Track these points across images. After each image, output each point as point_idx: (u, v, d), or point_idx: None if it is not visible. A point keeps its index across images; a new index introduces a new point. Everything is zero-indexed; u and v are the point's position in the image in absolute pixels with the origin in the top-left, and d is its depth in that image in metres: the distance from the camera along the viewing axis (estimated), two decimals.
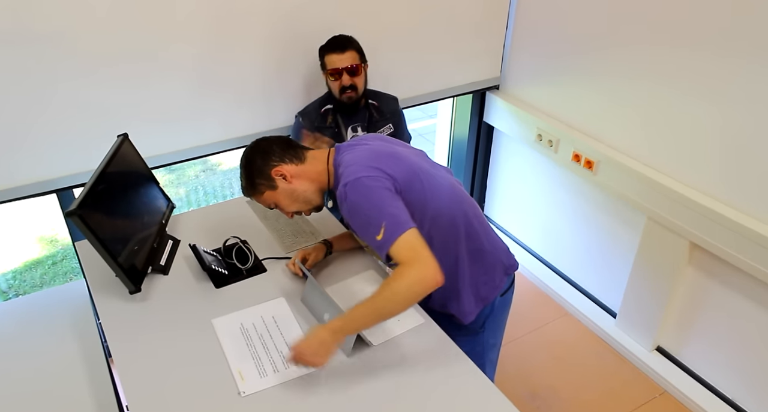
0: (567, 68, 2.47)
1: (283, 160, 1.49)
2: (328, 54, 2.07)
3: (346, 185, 1.37)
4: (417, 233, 1.32)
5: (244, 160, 1.53)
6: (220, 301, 1.62)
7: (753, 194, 1.92)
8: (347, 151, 1.49)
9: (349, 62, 2.05)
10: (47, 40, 1.77)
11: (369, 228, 1.34)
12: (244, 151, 1.54)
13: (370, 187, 1.36)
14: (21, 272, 3.60)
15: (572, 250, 2.79)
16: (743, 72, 1.84)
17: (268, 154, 1.49)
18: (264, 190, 1.50)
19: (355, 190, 1.36)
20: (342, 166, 1.44)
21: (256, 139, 1.56)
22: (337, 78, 2.07)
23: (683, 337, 2.35)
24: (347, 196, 1.36)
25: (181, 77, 2.04)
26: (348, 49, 2.06)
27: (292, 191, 1.50)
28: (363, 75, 2.11)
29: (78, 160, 1.99)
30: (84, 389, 1.56)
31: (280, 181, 1.48)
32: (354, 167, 1.39)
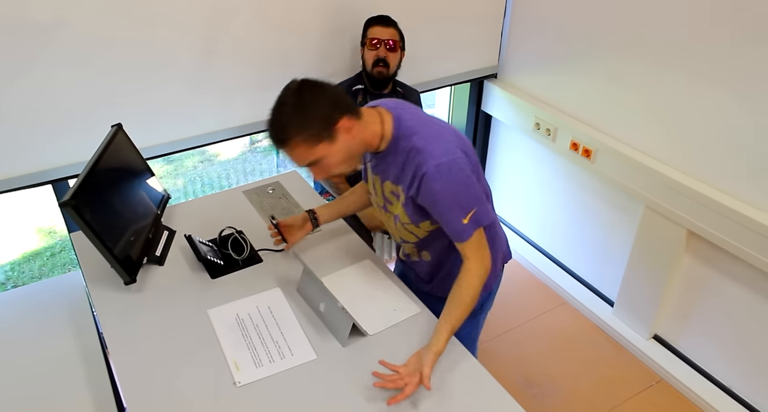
0: (565, 57, 2.45)
1: (348, 111, 1.29)
2: (373, 26, 2.18)
3: (440, 166, 1.28)
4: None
5: (296, 101, 1.26)
6: (216, 291, 1.62)
7: (750, 182, 1.92)
8: (410, 117, 1.37)
9: (390, 36, 2.16)
10: (41, 30, 1.75)
11: (455, 211, 1.32)
12: (292, 89, 1.28)
13: (463, 171, 1.31)
14: (19, 264, 3.60)
15: (570, 238, 2.78)
16: (739, 60, 1.83)
17: (334, 100, 1.28)
18: (320, 141, 1.27)
19: (450, 172, 1.29)
20: (418, 138, 1.32)
21: (299, 79, 1.30)
22: (375, 48, 2.16)
23: (680, 325, 2.35)
24: (439, 176, 1.29)
25: (176, 67, 2.02)
26: (392, 26, 2.18)
27: (350, 148, 1.32)
28: (398, 55, 2.20)
29: (73, 151, 1.98)
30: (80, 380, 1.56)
31: (342, 134, 1.29)
32: (442, 146, 1.32)
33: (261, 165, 4.58)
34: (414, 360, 1.33)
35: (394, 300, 1.59)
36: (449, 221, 1.35)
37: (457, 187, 1.31)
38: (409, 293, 1.61)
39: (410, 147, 1.33)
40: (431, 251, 1.55)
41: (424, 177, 1.30)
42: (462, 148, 1.35)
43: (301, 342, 1.46)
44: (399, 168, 1.38)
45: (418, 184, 1.33)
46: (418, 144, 1.32)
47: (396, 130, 1.36)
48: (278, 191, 2.03)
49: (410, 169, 1.34)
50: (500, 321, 2.62)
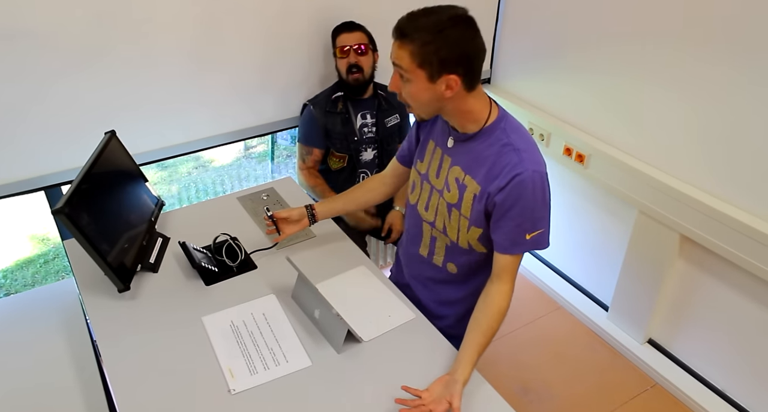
0: (558, 62, 2.46)
1: (466, 75, 1.23)
2: (340, 34, 2.17)
3: (537, 173, 1.26)
4: None
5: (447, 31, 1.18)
6: (210, 298, 1.61)
7: (743, 187, 1.93)
8: (510, 117, 1.35)
9: (357, 41, 2.14)
10: (33, 35, 1.75)
11: (527, 223, 1.29)
12: (456, 20, 1.20)
13: (549, 190, 1.31)
14: (12, 271, 3.58)
15: (564, 243, 2.79)
16: (730, 65, 1.84)
17: (467, 59, 1.22)
18: (419, 68, 1.21)
19: (543, 184, 1.28)
20: (516, 137, 1.29)
21: (471, 18, 1.22)
22: (345, 56, 2.15)
23: (674, 329, 2.36)
24: (533, 183, 1.26)
25: (170, 73, 2.02)
26: (358, 30, 2.17)
27: (436, 99, 1.26)
28: (370, 58, 2.18)
29: (66, 157, 1.97)
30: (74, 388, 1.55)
31: (442, 85, 1.23)
32: (537, 154, 1.29)
33: (255, 171, 4.57)
34: (438, 388, 1.27)
35: (389, 306, 1.59)
36: (515, 229, 1.30)
37: (541, 202, 1.29)
38: (404, 299, 1.61)
39: (507, 142, 1.29)
40: (459, 267, 1.51)
41: (517, 177, 1.26)
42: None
43: (295, 349, 1.45)
44: (482, 159, 1.32)
45: (506, 183, 1.27)
46: (518, 144, 1.28)
47: (499, 121, 1.32)
48: (273, 197, 2.03)
49: (501, 164, 1.28)
50: None
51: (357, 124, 2.24)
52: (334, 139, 2.23)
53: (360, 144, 2.26)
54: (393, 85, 1.29)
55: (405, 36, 1.21)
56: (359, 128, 2.24)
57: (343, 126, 2.21)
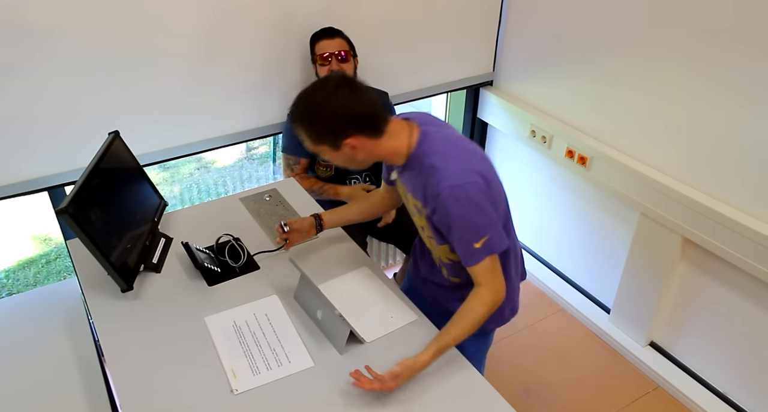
0: (560, 64, 2.47)
1: (363, 131, 1.32)
2: (318, 41, 2.12)
3: (453, 188, 1.28)
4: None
5: (323, 101, 1.29)
6: (213, 299, 1.62)
7: (746, 189, 1.93)
8: (435, 136, 1.37)
9: (338, 48, 2.10)
10: (38, 37, 1.76)
11: (468, 234, 1.32)
12: (334, 87, 1.29)
13: (478, 195, 1.30)
14: (14, 271, 3.58)
15: (566, 246, 2.79)
16: (734, 67, 1.85)
17: (353, 120, 1.30)
18: (323, 143, 1.33)
19: (465, 195, 1.29)
20: (437, 158, 1.32)
21: (340, 76, 1.33)
22: (326, 63, 2.10)
23: (676, 332, 2.36)
24: (453, 199, 1.29)
25: (172, 74, 2.03)
26: (337, 36, 2.12)
27: (352, 158, 1.37)
28: (351, 64, 2.15)
29: (69, 158, 1.98)
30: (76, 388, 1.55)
31: (347, 148, 1.33)
32: (458, 168, 1.31)
33: (257, 172, 4.58)
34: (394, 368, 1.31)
35: (391, 307, 1.59)
36: (461, 242, 1.34)
37: (471, 212, 1.30)
38: (407, 300, 1.61)
39: (429, 164, 1.33)
40: (460, 278, 1.53)
41: (438, 198, 1.30)
42: (483, 173, 1.33)
43: (298, 350, 1.46)
44: (420, 185, 1.37)
45: (433, 205, 1.33)
46: (437, 163, 1.32)
47: (419, 146, 1.36)
48: (275, 198, 2.04)
49: (428, 187, 1.33)
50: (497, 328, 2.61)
51: None
52: None
53: None
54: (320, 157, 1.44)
55: (297, 122, 1.34)
56: None
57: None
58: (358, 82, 1.33)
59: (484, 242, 1.32)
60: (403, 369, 1.29)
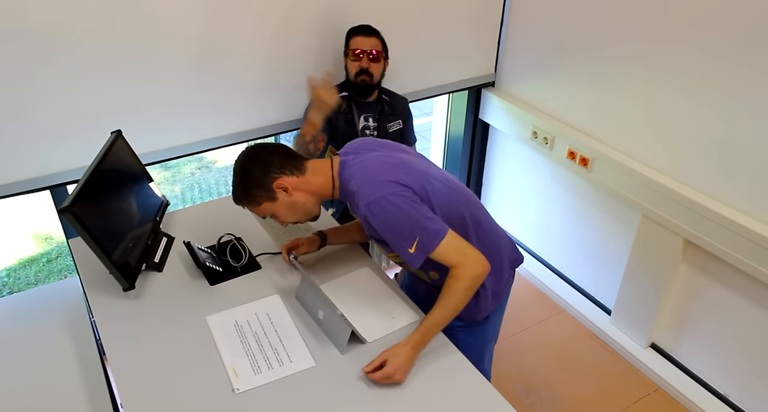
0: (562, 65, 2.47)
1: (284, 171, 1.43)
2: (355, 36, 2.16)
3: (369, 205, 1.35)
4: (453, 233, 1.39)
5: (239, 169, 1.45)
6: (215, 298, 1.62)
7: (746, 192, 1.93)
8: (353, 162, 1.45)
9: (372, 46, 2.13)
10: (40, 35, 1.76)
11: (400, 242, 1.37)
12: (239, 159, 1.46)
13: (395, 204, 1.35)
14: (15, 270, 3.59)
15: (567, 247, 2.79)
16: (736, 70, 1.85)
17: (267, 165, 1.43)
18: (262, 202, 1.45)
19: (381, 209, 1.35)
20: (354, 182, 1.41)
21: (250, 146, 1.48)
22: (358, 59, 2.14)
23: (677, 334, 2.36)
24: (372, 214, 1.36)
25: (175, 74, 2.03)
26: (374, 35, 2.16)
27: (293, 203, 1.46)
28: (381, 65, 2.18)
29: (72, 157, 1.98)
30: (78, 387, 1.55)
31: (281, 193, 1.43)
32: (371, 185, 1.38)
33: None
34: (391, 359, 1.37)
35: (393, 307, 1.59)
36: (398, 250, 1.39)
37: (392, 221, 1.36)
38: (408, 301, 1.62)
39: (349, 191, 1.42)
40: (437, 270, 1.55)
41: (363, 218, 1.39)
42: (402, 181, 1.38)
43: (299, 349, 1.46)
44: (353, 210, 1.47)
45: (363, 225, 1.44)
46: (353, 187, 1.40)
47: (341, 176, 1.45)
48: None
49: (355, 211, 1.44)
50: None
51: (359, 125, 2.24)
52: (336, 136, 2.23)
53: None
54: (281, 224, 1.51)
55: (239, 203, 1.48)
56: (361, 129, 2.24)
57: (347, 126, 2.21)
58: (260, 145, 1.47)
59: (416, 245, 1.37)
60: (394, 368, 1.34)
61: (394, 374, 1.34)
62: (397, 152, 1.53)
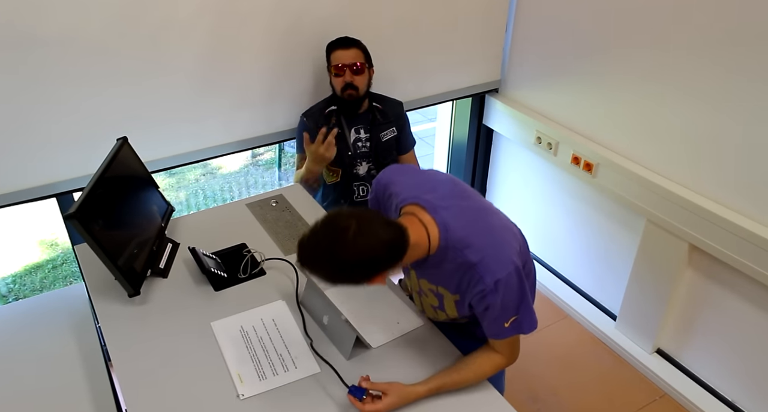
0: (566, 71, 2.47)
1: (385, 269, 1.17)
2: (334, 50, 2.11)
3: (499, 283, 1.23)
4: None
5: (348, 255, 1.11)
6: (220, 304, 1.62)
7: (753, 196, 1.92)
8: (452, 222, 1.26)
9: (353, 59, 2.08)
10: (46, 43, 1.77)
11: (501, 317, 1.30)
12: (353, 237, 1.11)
13: (518, 283, 1.27)
14: (21, 276, 3.60)
15: (572, 252, 2.78)
16: (742, 75, 1.85)
17: (374, 264, 1.14)
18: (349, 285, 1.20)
19: (507, 287, 1.25)
20: (474, 252, 1.24)
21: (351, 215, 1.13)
22: (341, 74, 2.09)
23: (683, 339, 2.35)
24: (496, 292, 1.24)
25: (181, 80, 2.04)
26: (353, 47, 2.11)
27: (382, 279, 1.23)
28: (366, 76, 2.13)
29: (78, 164, 1.99)
30: (83, 393, 1.56)
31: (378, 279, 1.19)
32: (497, 259, 1.25)
33: (263, 178, 4.60)
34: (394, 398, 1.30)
35: (398, 313, 1.59)
36: (491, 323, 1.32)
37: (510, 300, 1.28)
38: (413, 306, 1.61)
39: (462, 261, 1.25)
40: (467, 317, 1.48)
41: (481, 293, 1.26)
42: (516, 252, 1.29)
43: (304, 355, 1.46)
44: (447, 277, 1.32)
45: (471, 298, 1.29)
46: (473, 259, 1.24)
47: (443, 240, 1.26)
48: (281, 204, 2.04)
49: (464, 282, 1.28)
50: None
51: (351, 138, 2.20)
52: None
53: (354, 159, 2.22)
54: None
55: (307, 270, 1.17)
56: (353, 143, 2.21)
57: (338, 141, 2.12)
58: (364, 214, 1.15)
59: (512, 322, 1.31)
60: (398, 399, 1.30)
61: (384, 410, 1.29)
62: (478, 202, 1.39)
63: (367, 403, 1.28)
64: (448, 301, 1.39)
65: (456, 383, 1.36)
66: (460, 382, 1.37)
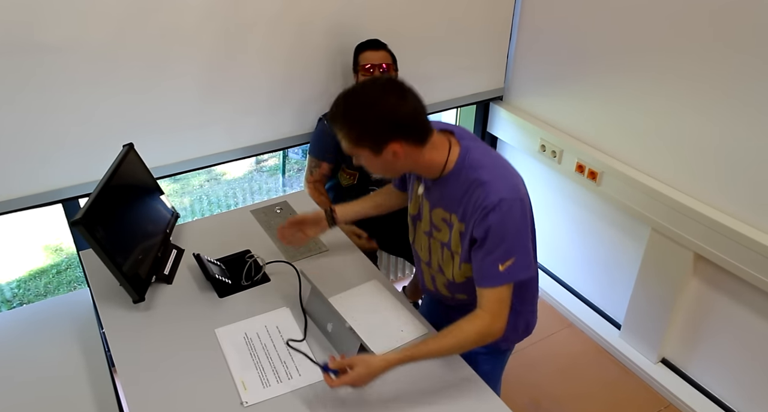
0: (571, 79, 2.47)
1: (407, 138, 1.26)
2: (364, 51, 2.17)
3: (503, 201, 1.25)
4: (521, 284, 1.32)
5: (373, 105, 1.23)
6: (224, 310, 1.62)
7: (757, 205, 1.92)
8: (477, 149, 1.34)
9: (382, 60, 2.14)
10: (52, 50, 1.78)
11: (497, 252, 1.28)
12: (382, 89, 1.24)
13: (522, 212, 1.28)
14: (25, 281, 3.61)
15: (576, 261, 2.78)
16: (746, 83, 1.85)
17: (400, 125, 1.24)
18: (363, 147, 1.27)
19: (510, 211, 1.26)
20: (486, 172, 1.29)
21: (382, 82, 1.26)
22: (368, 74, 2.14)
23: (688, 349, 2.33)
24: (500, 211, 1.25)
25: (187, 87, 2.05)
26: (383, 49, 2.17)
27: (390, 165, 1.30)
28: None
29: (84, 170, 2.00)
30: (87, 399, 1.56)
31: (388, 154, 1.27)
32: (506, 183, 1.29)
33: (267, 184, 4.61)
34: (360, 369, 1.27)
35: (402, 321, 1.59)
36: (486, 259, 1.29)
37: (510, 229, 1.27)
38: (416, 314, 1.61)
39: (474, 178, 1.30)
40: (468, 295, 1.50)
41: (485, 209, 1.27)
42: (525, 192, 1.33)
43: (308, 362, 1.45)
44: (456, 198, 1.34)
45: (476, 217, 1.29)
46: (484, 177, 1.29)
47: (461, 160, 1.33)
48: (286, 211, 2.05)
49: (471, 200, 1.30)
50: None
51: None
52: (346, 155, 2.22)
53: None
54: (357, 163, 1.35)
55: (335, 123, 1.28)
56: None
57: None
58: (407, 86, 1.27)
59: (508, 266, 1.28)
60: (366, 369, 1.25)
61: (353, 383, 1.26)
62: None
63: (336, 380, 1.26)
64: (455, 233, 1.38)
65: (434, 350, 1.30)
66: (440, 350, 1.30)
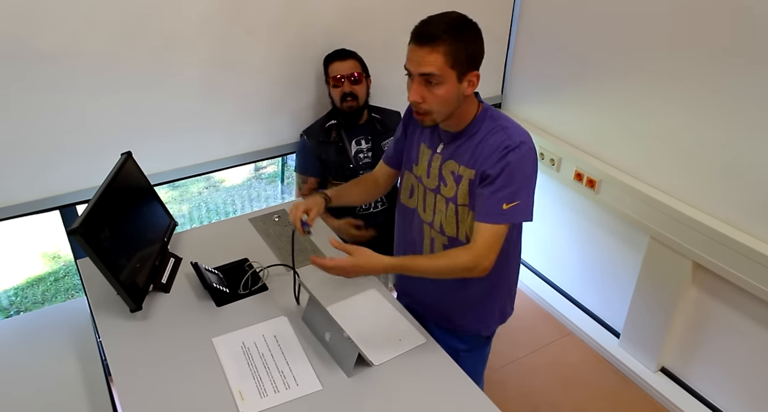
0: (569, 87, 2.48)
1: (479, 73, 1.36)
2: (331, 63, 2.16)
3: (523, 145, 1.35)
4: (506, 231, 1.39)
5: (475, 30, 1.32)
6: (221, 319, 1.62)
7: (756, 214, 1.92)
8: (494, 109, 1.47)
9: (351, 70, 2.12)
10: (50, 57, 1.79)
11: (505, 191, 1.35)
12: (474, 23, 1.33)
13: (534, 162, 1.38)
14: (23, 289, 3.60)
15: (575, 269, 2.77)
16: (745, 92, 1.85)
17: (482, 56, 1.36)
18: (455, 70, 1.31)
19: (527, 156, 1.36)
20: (505, 121, 1.41)
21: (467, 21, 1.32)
22: (339, 85, 2.13)
23: (688, 358, 2.33)
24: (518, 153, 1.34)
25: (184, 94, 2.05)
26: (350, 57, 2.15)
27: (456, 97, 1.35)
28: (364, 85, 2.17)
29: (81, 177, 2.00)
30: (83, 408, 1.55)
31: (465, 84, 1.35)
32: (523, 133, 1.39)
33: (265, 191, 4.60)
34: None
35: (400, 330, 1.58)
36: (491, 197, 1.36)
37: (522, 171, 1.35)
38: (415, 323, 1.61)
39: (494, 126, 1.40)
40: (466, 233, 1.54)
41: (506, 149, 1.34)
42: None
43: (306, 372, 1.45)
44: (473, 147, 1.41)
45: (496, 156, 1.36)
46: (505, 123, 1.40)
47: (484, 112, 1.43)
48: (284, 219, 2.04)
49: (491, 144, 1.37)
50: (505, 352, 2.59)
51: (352, 151, 2.22)
52: (330, 168, 2.22)
53: (356, 171, 2.23)
54: (417, 94, 1.34)
55: (434, 39, 1.28)
56: (354, 155, 2.22)
57: (338, 155, 2.18)
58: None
59: (512, 207, 1.36)
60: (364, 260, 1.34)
61: (348, 270, 1.34)
62: None
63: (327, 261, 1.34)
64: (464, 183, 1.43)
65: (426, 266, 1.39)
66: (431, 267, 1.39)
